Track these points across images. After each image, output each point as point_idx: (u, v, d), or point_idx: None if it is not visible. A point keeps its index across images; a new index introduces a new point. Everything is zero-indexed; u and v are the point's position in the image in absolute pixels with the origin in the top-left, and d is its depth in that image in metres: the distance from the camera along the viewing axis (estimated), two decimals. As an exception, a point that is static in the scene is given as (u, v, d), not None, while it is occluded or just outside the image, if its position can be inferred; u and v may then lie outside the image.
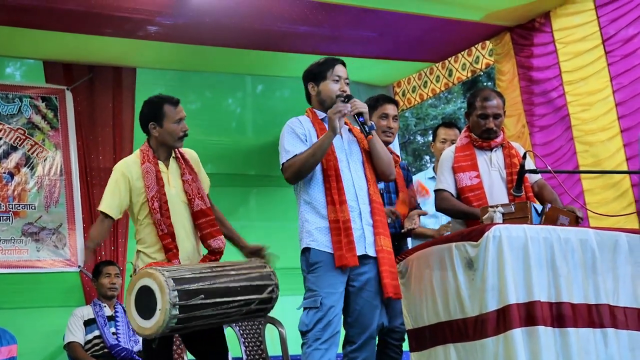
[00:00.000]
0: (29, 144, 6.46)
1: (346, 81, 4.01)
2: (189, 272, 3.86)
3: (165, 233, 4.04)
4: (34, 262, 6.30)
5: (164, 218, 4.05)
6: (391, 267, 3.86)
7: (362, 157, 3.98)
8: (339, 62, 4.04)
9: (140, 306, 3.83)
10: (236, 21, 6.06)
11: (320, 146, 3.81)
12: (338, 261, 3.74)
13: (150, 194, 4.06)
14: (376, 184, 3.99)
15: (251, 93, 7.69)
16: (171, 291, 3.70)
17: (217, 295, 3.86)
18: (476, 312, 3.56)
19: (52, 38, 6.14)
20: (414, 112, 15.12)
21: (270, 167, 6.85)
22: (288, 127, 3.97)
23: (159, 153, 4.20)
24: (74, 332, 5.72)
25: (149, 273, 3.80)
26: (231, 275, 3.95)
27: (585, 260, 3.67)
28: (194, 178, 4.24)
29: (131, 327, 5.73)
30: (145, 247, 4.11)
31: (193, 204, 4.17)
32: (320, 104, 4.02)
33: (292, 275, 4.30)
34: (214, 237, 4.18)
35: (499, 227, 3.58)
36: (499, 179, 4.29)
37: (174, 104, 4.19)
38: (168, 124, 4.15)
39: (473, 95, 4.42)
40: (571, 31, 6.02)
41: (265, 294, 4.03)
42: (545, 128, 6.20)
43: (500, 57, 6.62)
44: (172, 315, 3.71)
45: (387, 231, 3.93)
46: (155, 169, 4.12)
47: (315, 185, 3.88)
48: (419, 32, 6.56)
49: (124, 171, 4.14)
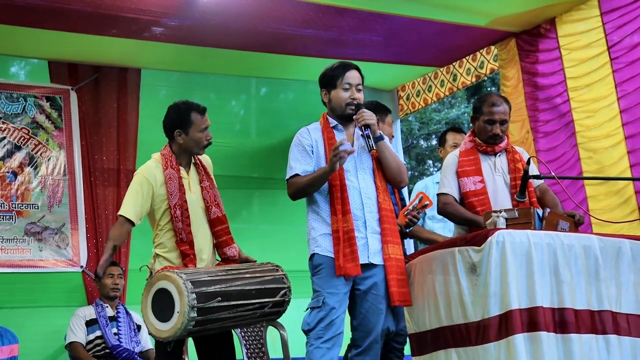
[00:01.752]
0: (33, 144, 6.47)
1: (358, 87, 3.99)
2: (205, 274, 3.87)
3: (184, 241, 4.05)
4: (36, 262, 6.30)
5: (184, 225, 4.05)
6: (400, 274, 3.86)
7: (373, 165, 3.98)
8: (351, 68, 4.01)
9: (157, 309, 3.84)
10: (241, 23, 6.06)
11: (318, 177, 3.85)
12: (338, 271, 3.77)
13: (173, 201, 4.05)
14: (387, 191, 3.99)
15: (255, 95, 7.70)
16: (190, 293, 3.72)
17: (233, 298, 3.87)
18: (478, 317, 3.56)
19: (57, 38, 6.15)
20: (417, 117, 15.12)
21: (273, 170, 6.87)
22: (296, 139, 4.01)
23: (181, 159, 4.19)
24: (75, 332, 5.72)
25: (167, 276, 3.81)
26: (246, 279, 3.97)
27: (588, 267, 3.67)
28: (211, 185, 4.25)
29: (132, 327, 5.80)
30: (165, 251, 4.09)
31: (210, 211, 4.18)
32: (332, 111, 4.04)
33: (295, 278, 4.30)
34: (229, 245, 4.19)
35: (502, 232, 3.57)
36: (503, 184, 4.29)
37: (201, 112, 4.17)
38: (194, 132, 4.14)
39: (480, 100, 4.41)
40: (576, 37, 6.02)
41: (279, 297, 4.05)
42: (549, 134, 6.20)
43: (505, 62, 6.62)
44: (191, 317, 3.72)
45: (396, 239, 3.94)
46: (177, 175, 4.11)
47: (321, 196, 3.91)
48: (424, 36, 6.56)
49: (147, 177, 4.10)
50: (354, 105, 3.95)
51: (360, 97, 4.00)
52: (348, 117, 3.98)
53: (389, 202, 3.96)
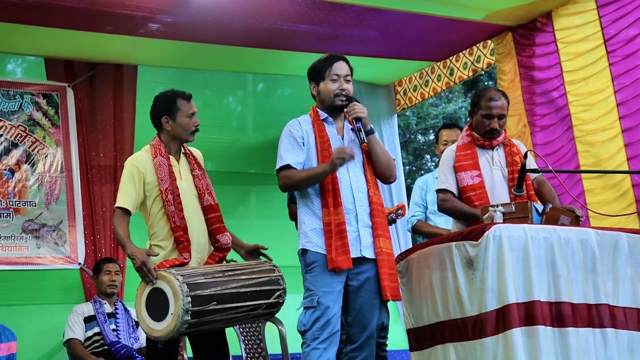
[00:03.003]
0: (30, 141, 6.46)
1: (347, 78, 3.97)
2: (202, 276, 3.85)
3: (178, 225, 4.04)
4: (34, 259, 6.30)
5: (177, 211, 4.05)
6: (390, 269, 3.85)
7: (363, 159, 3.96)
8: (339, 59, 3.99)
9: (151, 307, 3.83)
10: (237, 19, 6.05)
11: (316, 176, 3.83)
12: (330, 264, 3.75)
13: (163, 186, 4.06)
14: (377, 185, 3.98)
15: (252, 91, 7.70)
16: (185, 297, 3.70)
17: (227, 300, 3.86)
18: (475, 311, 3.56)
19: (54, 35, 6.14)
20: (414, 112, 15.10)
21: (270, 166, 6.77)
22: (286, 130, 3.98)
23: (170, 147, 4.21)
24: (73, 329, 5.72)
25: (163, 276, 3.80)
26: (242, 280, 3.95)
27: (585, 261, 3.67)
28: (203, 174, 4.26)
29: (131, 324, 5.80)
30: (159, 240, 4.09)
31: (203, 199, 4.19)
32: (321, 104, 4.01)
33: (291, 274, 4.29)
34: (222, 233, 4.19)
35: (499, 226, 3.57)
36: (500, 178, 4.28)
37: (187, 98, 4.22)
38: (181, 118, 4.17)
39: (478, 94, 4.40)
40: (573, 31, 6.01)
41: (273, 299, 4.04)
42: (546, 128, 6.20)
43: (501, 56, 6.61)
44: (184, 320, 3.72)
45: (387, 232, 3.92)
46: (167, 162, 4.13)
47: (312, 188, 3.88)
48: (420, 31, 6.55)
49: (137, 165, 4.12)
50: (343, 96, 3.92)
51: (349, 89, 3.96)
52: (337, 108, 3.95)
53: (379, 196, 3.95)
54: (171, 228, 4.05)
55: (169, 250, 4.07)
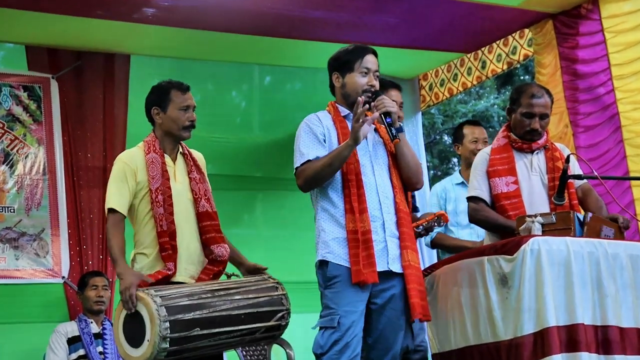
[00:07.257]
0: (9, 139, 6.49)
1: (376, 74, 4.01)
2: (186, 298, 3.83)
3: (165, 230, 4.04)
4: (12, 272, 6.31)
5: (167, 214, 4.06)
6: (419, 285, 3.85)
7: (389, 161, 3.98)
8: (370, 52, 4.03)
9: (128, 330, 3.83)
10: (243, 4, 6.07)
11: (338, 155, 3.82)
12: (355, 277, 3.74)
13: (154, 185, 4.08)
14: (403, 191, 3.98)
15: (258, 85, 7.71)
16: (162, 322, 3.69)
17: (215, 325, 3.85)
18: (510, 335, 3.57)
19: (36, 20, 6.16)
20: (440, 109, 15.11)
21: (279, 169, 6.88)
22: (305, 126, 3.99)
23: (165, 144, 4.23)
24: (56, 352, 5.74)
25: (141, 297, 3.79)
26: (235, 301, 3.93)
27: (635, 279, 3.66)
28: (201, 178, 4.27)
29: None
30: (144, 247, 4.11)
31: (199, 204, 4.19)
32: (344, 98, 4.03)
33: (302, 290, 4.31)
34: (218, 244, 4.17)
35: (538, 239, 3.57)
36: (539, 185, 4.27)
37: (183, 90, 4.24)
38: (172, 110, 4.19)
39: (518, 90, 4.40)
40: (622, 19, 6.01)
41: (273, 322, 4.02)
42: (591, 128, 6.19)
43: (540, 47, 6.61)
44: (162, 348, 3.71)
45: (414, 244, 3.93)
46: (161, 160, 4.15)
47: (334, 191, 3.89)
48: (448, 18, 6.56)
49: (128, 162, 4.14)
50: (371, 93, 3.95)
51: (377, 85, 4.01)
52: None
53: (406, 204, 3.96)
54: (157, 232, 4.06)
55: (153, 258, 4.07)
